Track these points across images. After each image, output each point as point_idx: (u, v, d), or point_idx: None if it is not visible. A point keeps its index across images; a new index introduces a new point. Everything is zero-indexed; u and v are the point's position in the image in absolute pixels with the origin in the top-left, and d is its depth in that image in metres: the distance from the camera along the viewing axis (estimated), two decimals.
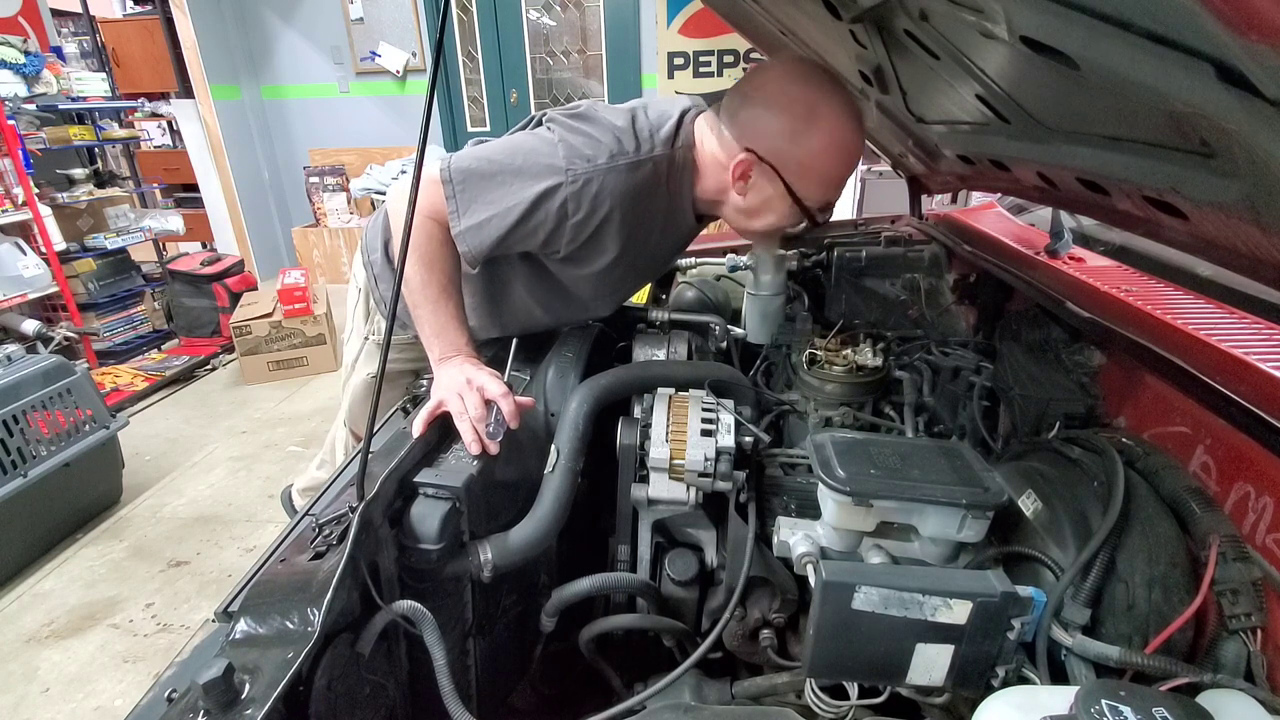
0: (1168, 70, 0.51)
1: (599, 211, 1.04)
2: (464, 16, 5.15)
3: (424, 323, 1.06)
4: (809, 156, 1.03)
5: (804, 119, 1.01)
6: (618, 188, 1.03)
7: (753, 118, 1.04)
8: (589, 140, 1.03)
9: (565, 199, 1.02)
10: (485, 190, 1.04)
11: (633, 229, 1.10)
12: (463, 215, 1.04)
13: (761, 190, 1.08)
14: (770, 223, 1.13)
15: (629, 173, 1.03)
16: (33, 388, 2.30)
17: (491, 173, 1.04)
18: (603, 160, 1.02)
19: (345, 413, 1.54)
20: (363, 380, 1.47)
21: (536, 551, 0.95)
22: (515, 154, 1.04)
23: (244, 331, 3.70)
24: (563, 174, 1.01)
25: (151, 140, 5.60)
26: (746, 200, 1.10)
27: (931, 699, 0.79)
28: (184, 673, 0.62)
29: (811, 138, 1.02)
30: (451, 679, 0.73)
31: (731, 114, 1.07)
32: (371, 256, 1.38)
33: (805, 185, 1.05)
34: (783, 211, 1.10)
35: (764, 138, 1.03)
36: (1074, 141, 0.82)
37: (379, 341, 1.39)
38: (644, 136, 1.06)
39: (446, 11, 0.77)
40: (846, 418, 1.26)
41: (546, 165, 1.02)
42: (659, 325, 1.45)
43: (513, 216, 1.03)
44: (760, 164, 1.04)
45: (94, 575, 2.32)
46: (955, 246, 1.58)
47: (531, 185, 1.01)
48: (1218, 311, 1.06)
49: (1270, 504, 0.75)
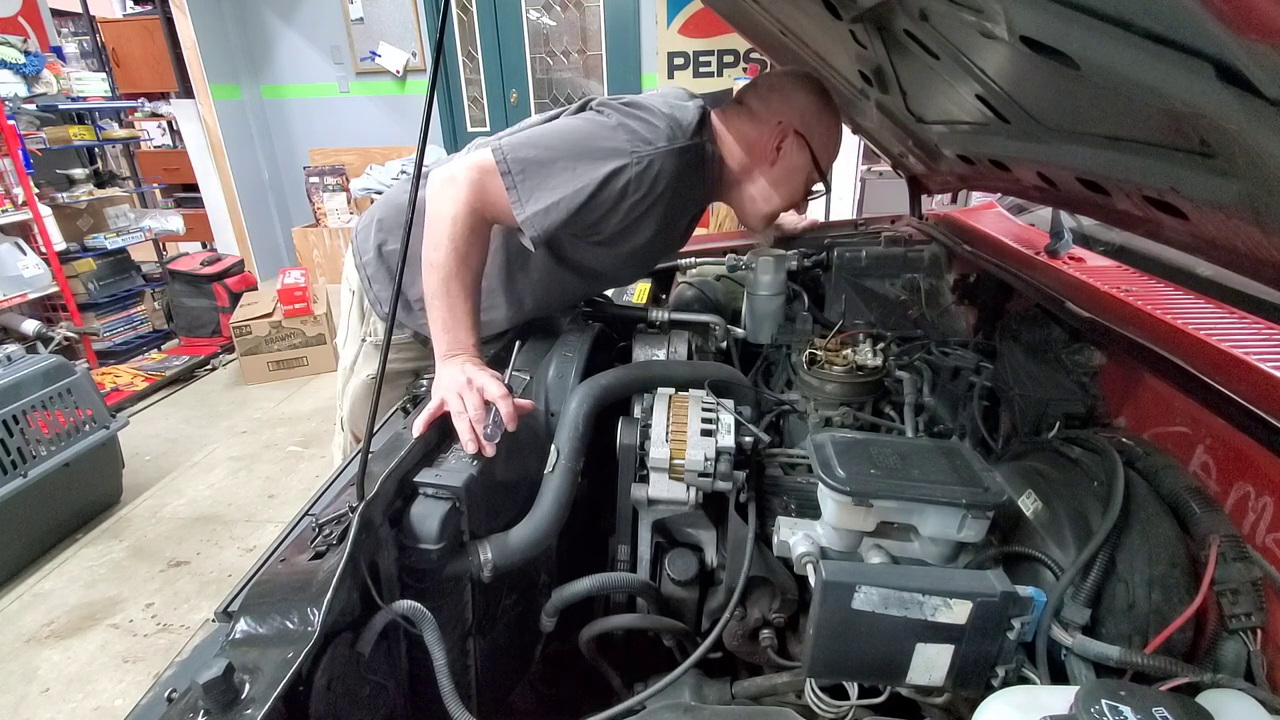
0: (1168, 70, 0.51)
1: (654, 193, 1.09)
2: (464, 16, 5.15)
3: (437, 315, 1.05)
4: (826, 130, 1.22)
5: (821, 99, 1.21)
6: (672, 171, 1.09)
7: (785, 97, 1.20)
8: (646, 124, 1.08)
9: (628, 180, 1.06)
10: (549, 176, 1.05)
11: (670, 212, 1.17)
12: (527, 203, 1.05)
13: (790, 159, 1.21)
14: (787, 195, 1.26)
15: (680, 156, 1.10)
16: (33, 388, 2.30)
17: (552, 159, 1.06)
18: (662, 144, 1.08)
19: (346, 416, 1.53)
20: (362, 382, 1.47)
21: (536, 551, 0.95)
22: (574, 138, 1.07)
23: (244, 331, 3.70)
24: (628, 155, 1.05)
25: (151, 140, 5.60)
26: (775, 170, 1.23)
27: (931, 699, 0.80)
28: (184, 672, 0.62)
29: (828, 116, 1.22)
30: (451, 679, 0.73)
31: (762, 98, 1.22)
32: (364, 258, 1.37)
33: (823, 155, 1.23)
34: (799, 183, 1.25)
35: (797, 112, 1.19)
36: (1074, 141, 0.82)
37: (376, 343, 1.41)
38: (688, 124, 1.13)
39: (446, 11, 0.77)
40: (846, 418, 1.26)
41: (611, 148, 1.06)
42: (659, 325, 1.46)
43: (581, 198, 1.05)
44: (794, 135, 1.19)
45: (94, 575, 2.32)
46: (955, 246, 1.58)
47: (598, 167, 1.05)
48: (1218, 311, 1.06)
49: (1270, 504, 0.75)
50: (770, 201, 1.27)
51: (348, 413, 1.51)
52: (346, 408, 1.51)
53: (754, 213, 1.29)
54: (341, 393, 1.52)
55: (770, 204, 1.27)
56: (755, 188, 1.26)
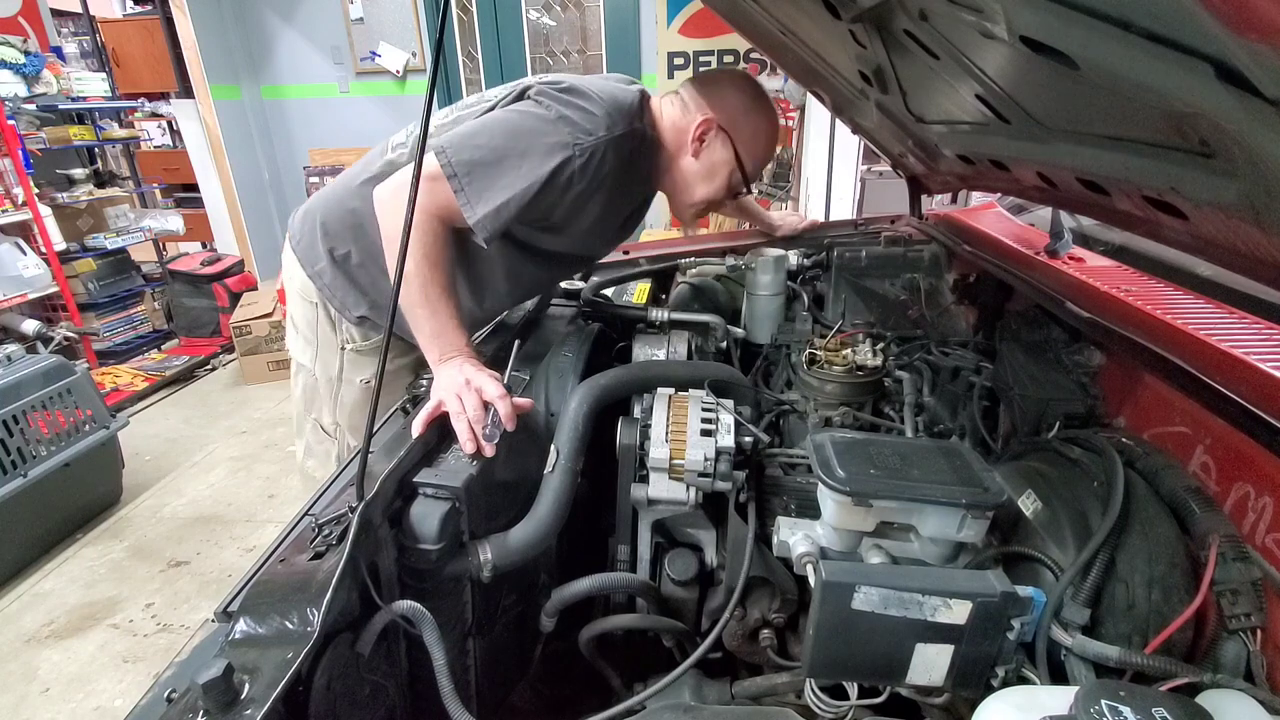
0: (1168, 70, 0.51)
1: (598, 179, 1.12)
2: (464, 16, 5.15)
3: (422, 324, 1.05)
4: (753, 130, 1.23)
5: (752, 101, 1.23)
6: (614, 158, 1.12)
7: (714, 92, 1.23)
8: (586, 114, 1.10)
9: (572, 173, 1.09)
10: (495, 177, 1.07)
11: (615, 196, 1.21)
12: (476, 205, 1.07)
13: (713, 153, 1.23)
14: (713, 189, 1.27)
15: (621, 143, 1.13)
16: (33, 388, 2.30)
17: (496, 159, 1.07)
18: (602, 133, 1.10)
19: (345, 424, 1.49)
20: (358, 388, 1.43)
21: (536, 551, 0.95)
22: (516, 136, 1.08)
23: (244, 331, 3.70)
24: (570, 148, 1.07)
25: (151, 140, 5.59)
26: (699, 162, 1.24)
27: (931, 699, 0.79)
28: (183, 673, 0.62)
29: (757, 117, 1.24)
30: (451, 679, 0.73)
31: (695, 90, 1.24)
32: (317, 268, 1.33)
33: (748, 155, 1.24)
34: (723, 178, 1.25)
35: (723, 109, 1.21)
36: (1074, 141, 0.82)
37: (358, 349, 1.39)
38: (627, 108, 1.15)
39: (446, 11, 0.77)
40: (846, 418, 1.26)
41: (554, 142, 1.07)
42: (659, 325, 1.45)
43: (529, 196, 1.07)
44: (718, 130, 1.21)
45: (94, 575, 2.32)
46: (955, 246, 1.58)
47: (543, 164, 1.07)
48: (1218, 311, 1.06)
49: (1270, 504, 0.75)
50: (691, 194, 1.28)
51: (346, 421, 1.48)
52: (345, 418, 1.47)
53: (679, 203, 1.32)
54: (335, 406, 1.47)
55: (690, 196, 1.29)
56: (679, 177, 1.28)
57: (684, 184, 1.28)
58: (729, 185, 1.27)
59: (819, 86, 1.59)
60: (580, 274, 1.70)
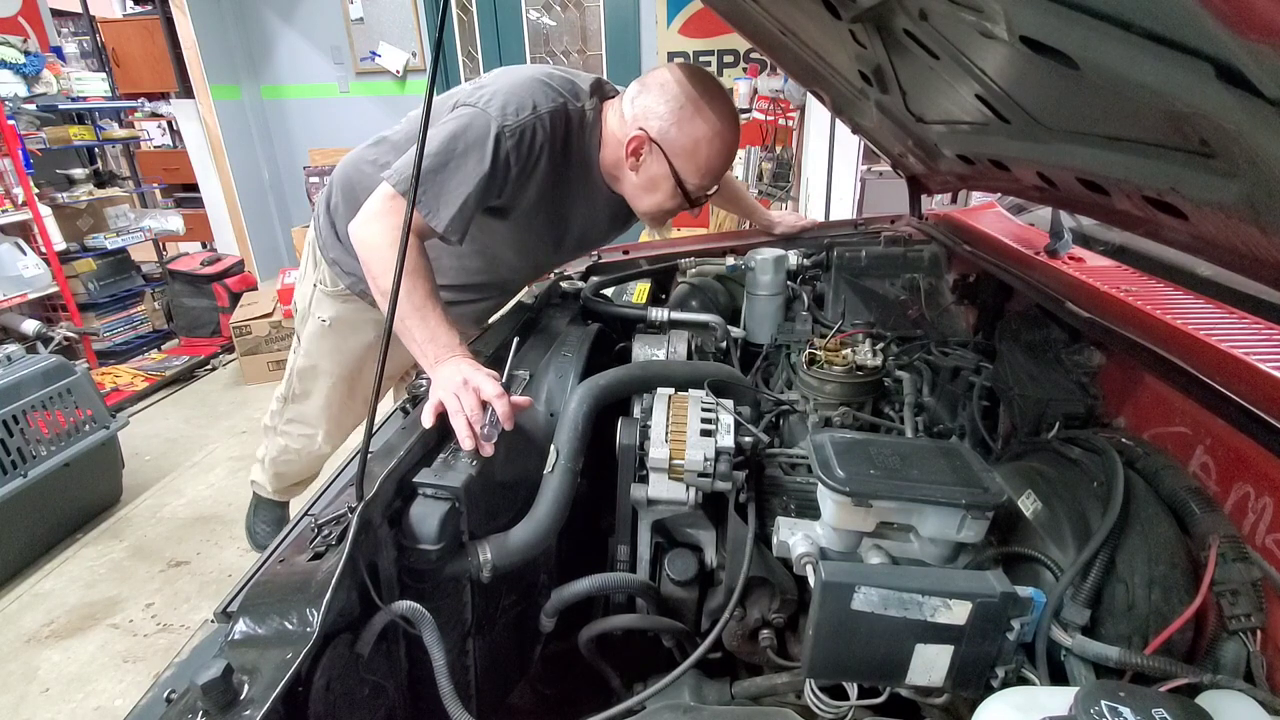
0: (1168, 70, 0.51)
1: (532, 157, 1.18)
2: (464, 16, 5.15)
3: (413, 332, 1.08)
4: (691, 143, 1.19)
5: (690, 110, 1.18)
6: (543, 134, 1.18)
7: (648, 103, 1.20)
8: (507, 99, 1.15)
9: (507, 153, 1.14)
10: (445, 180, 1.13)
11: (555, 177, 1.24)
12: (439, 211, 1.13)
13: (650, 168, 1.23)
14: (658, 201, 1.27)
15: (552, 120, 1.18)
16: (33, 388, 2.30)
17: (442, 164, 1.13)
18: (528, 112, 1.15)
19: (302, 350, 1.66)
20: (319, 324, 1.59)
21: (536, 552, 0.95)
22: (453, 140, 1.14)
23: (244, 331, 3.70)
24: (501, 130, 1.13)
25: (151, 140, 5.59)
26: (639, 176, 1.25)
27: (931, 699, 0.79)
28: (183, 673, 0.62)
29: (695, 127, 1.18)
30: (451, 679, 0.73)
31: (630, 99, 1.23)
32: (316, 210, 1.55)
33: (687, 169, 1.21)
34: (668, 191, 1.24)
35: (655, 120, 1.19)
36: (1074, 141, 0.82)
37: (326, 291, 1.54)
38: (560, 89, 1.21)
39: (446, 11, 0.77)
40: (846, 417, 1.26)
41: (487, 132, 1.13)
42: (659, 325, 1.45)
43: (483, 187, 1.14)
44: (650, 144, 1.20)
45: (94, 575, 2.32)
46: (955, 246, 1.58)
47: (483, 153, 1.13)
48: (1218, 311, 1.06)
49: (1270, 504, 0.75)
50: (638, 205, 1.30)
51: (303, 347, 1.65)
52: (305, 343, 1.64)
53: (637, 209, 1.33)
54: (297, 336, 1.66)
55: (638, 207, 1.30)
56: (626, 189, 1.30)
57: (631, 195, 1.30)
58: (677, 198, 1.26)
59: (819, 86, 1.59)
60: (580, 274, 1.71)
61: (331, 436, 1.75)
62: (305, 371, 1.67)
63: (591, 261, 1.80)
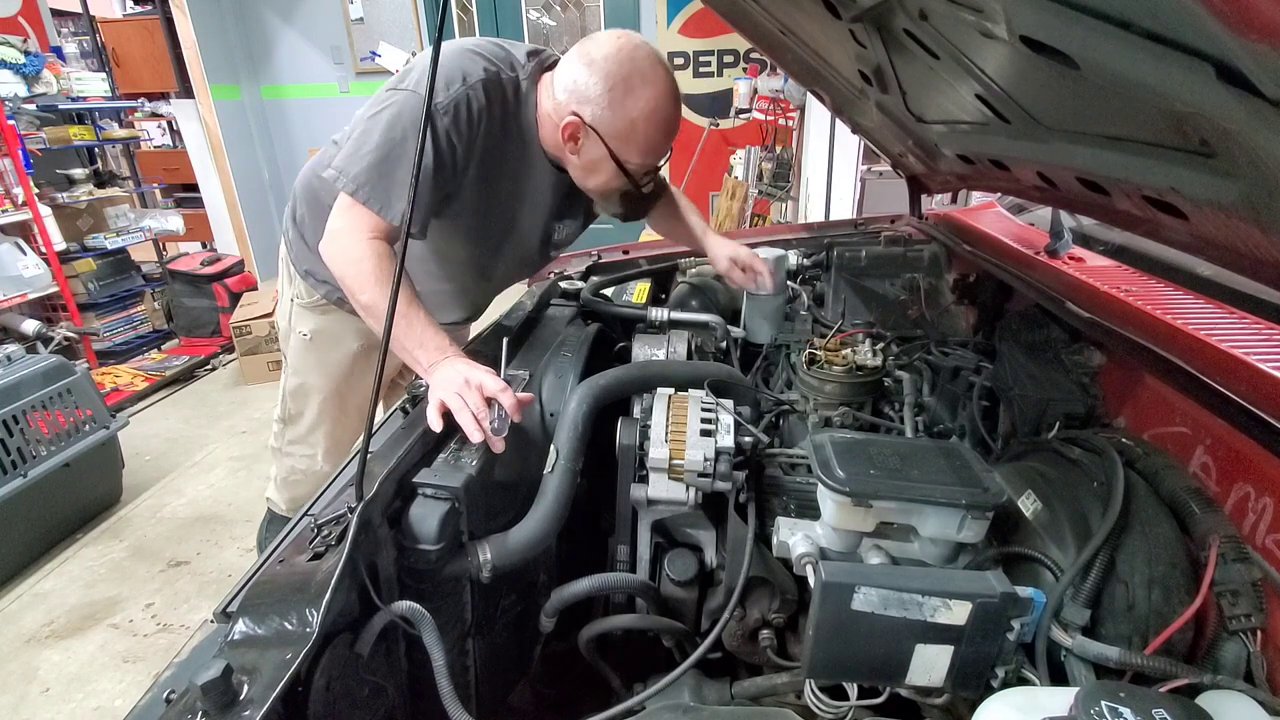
0: (1168, 70, 0.51)
1: (473, 130, 1.14)
2: (464, 16, 5.15)
3: (401, 340, 1.06)
4: (627, 124, 1.14)
5: (623, 89, 1.11)
6: (477, 104, 1.13)
7: (579, 85, 1.13)
8: (442, 78, 1.11)
9: (447, 130, 1.11)
10: (393, 172, 1.10)
11: (496, 154, 1.21)
12: (395, 204, 1.10)
13: (589, 152, 1.18)
14: (603, 182, 1.22)
15: (486, 90, 1.14)
16: (33, 388, 2.30)
17: (385, 154, 1.10)
18: (457, 85, 1.11)
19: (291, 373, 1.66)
20: (300, 339, 1.58)
21: (536, 552, 0.95)
22: (391, 127, 1.11)
23: (244, 331, 3.70)
24: (436, 107, 1.08)
25: (151, 140, 5.59)
26: (579, 159, 1.20)
27: (931, 700, 0.79)
28: (182, 673, 0.62)
29: (628, 107, 1.12)
30: (451, 680, 0.73)
31: (561, 79, 1.16)
32: (285, 225, 1.52)
33: (626, 150, 1.16)
34: (610, 172, 1.20)
35: (588, 104, 1.13)
36: (1074, 141, 0.82)
37: (303, 304, 1.53)
38: (491, 58, 1.16)
39: (446, 11, 0.77)
40: (846, 418, 1.26)
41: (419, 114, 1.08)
42: (659, 325, 1.45)
43: (430, 170, 1.10)
44: (585, 128, 1.14)
45: (94, 575, 2.32)
46: (955, 246, 1.58)
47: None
48: (1218, 311, 1.06)
49: (1270, 504, 0.75)
50: (586, 184, 1.25)
51: (290, 366, 1.64)
52: (292, 360, 1.64)
53: (585, 190, 1.28)
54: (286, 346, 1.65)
55: (587, 186, 1.26)
56: (572, 169, 1.25)
57: (577, 178, 1.26)
58: (620, 181, 1.22)
59: (819, 86, 1.59)
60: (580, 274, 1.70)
61: (330, 455, 1.73)
62: (296, 391, 1.65)
63: (591, 261, 1.80)
